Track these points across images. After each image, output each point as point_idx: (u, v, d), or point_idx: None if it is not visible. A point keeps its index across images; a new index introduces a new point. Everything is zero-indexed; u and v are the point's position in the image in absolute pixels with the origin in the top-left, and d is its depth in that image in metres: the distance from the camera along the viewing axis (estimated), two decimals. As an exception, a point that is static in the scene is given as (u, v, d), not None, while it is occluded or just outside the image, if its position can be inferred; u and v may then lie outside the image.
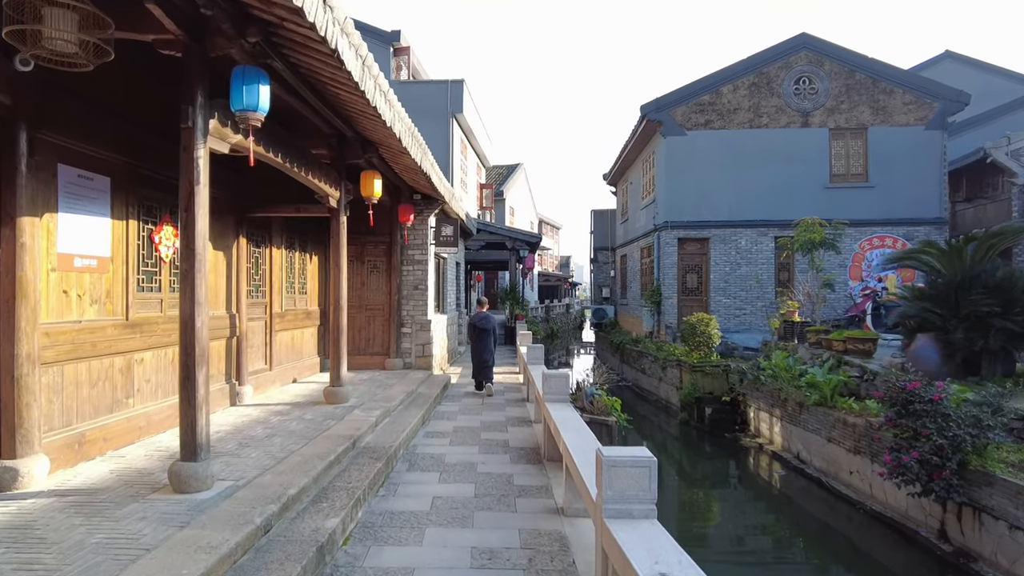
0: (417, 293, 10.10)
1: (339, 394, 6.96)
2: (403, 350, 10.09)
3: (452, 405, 8.32)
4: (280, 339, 8.31)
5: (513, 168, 36.64)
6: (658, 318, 16.27)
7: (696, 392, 11.70)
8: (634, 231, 19.73)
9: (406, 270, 10.14)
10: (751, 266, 15.73)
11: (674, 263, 15.87)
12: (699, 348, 12.03)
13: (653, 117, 15.95)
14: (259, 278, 7.78)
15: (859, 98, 15.49)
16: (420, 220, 10.12)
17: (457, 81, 19.09)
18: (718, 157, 15.78)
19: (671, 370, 13.15)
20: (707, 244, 15.94)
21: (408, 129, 6.49)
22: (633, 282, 19.88)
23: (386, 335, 10.12)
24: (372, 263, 10.25)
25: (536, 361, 8.49)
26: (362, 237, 10.21)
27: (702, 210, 15.80)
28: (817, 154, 15.58)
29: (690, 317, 12.29)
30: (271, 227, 8.04)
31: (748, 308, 15.69)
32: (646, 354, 15.09)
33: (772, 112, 15.77)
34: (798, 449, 9.16)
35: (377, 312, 10.20)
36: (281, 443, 5.19)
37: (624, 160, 19.96)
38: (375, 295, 10.23)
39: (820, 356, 10.62)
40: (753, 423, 10.88)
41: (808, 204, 15.44)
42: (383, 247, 10.21)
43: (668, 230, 15.84)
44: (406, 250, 10.14)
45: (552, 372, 5.56)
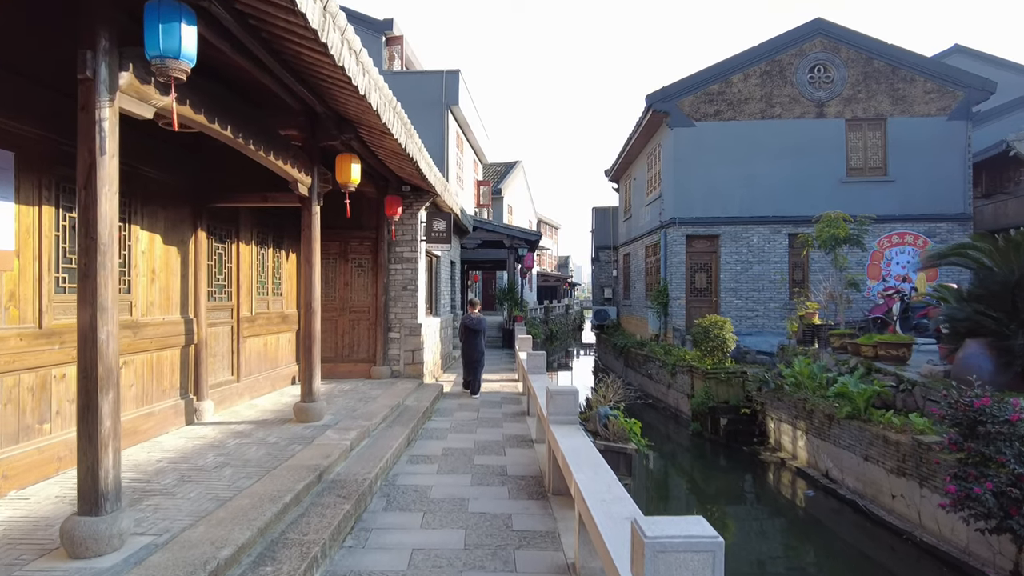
0: (406, 294, 9.20)
1: (311, 411, 6.05)
2: (390, 357, 9.18)
3: (443, 421, 7.41)
4: (250, 346, 7.40)
5: (511, 166, 35.77)
6: (665, 320, 15.38)
7: (710, 401, 10.81)
8: (638, 229, 18.86)
9: (394, 269, 9.24)
10: (764, 265, 14.85)
11: (682, 262, 14.99)
12: (712, 353, 11.15)
13: (659, 107, 15.07)
14: (224, 278, 6.87)
15: (877, 87, 14.63)
16: (409, 214, 9.22)
17: (452, 71, 18.20)
18: (728, 150, 14.90)
19: (681, 376, 12.27)
20: (717, 242, 15.07)
21: (388, 103, 5.59)
22: (637, 282, 18.99)
23: (372, 340, 9.21)
24: (356, 261, 9.34)
25: (537, 370, 7.59)
26: (345, 233, 9.31)
27: (711, 206, 14.93)
28: (833, 146, 14.72)
29: (703, 320, 11.41)
30: (238, 220, 7.13)
31: (760, 310, 14.82)
32: (653, 358, 14.20)
33: (785, 102, 14.90)
34: (827, 466, 8.27)
35: (362, 315, 9.29)
36: (231, 476, 4.28)
37: (627, 154, 19.08)
38: (360, 296, 9.32)
39: (846, 362, 9.74)
40: (773, 435, 9.99)
41: (824, 199, 14.58)
42: (368, 244, 9.31)
43: (675, 227, 14.96)
44: (394, 247, 9.24)
45: (558, 389, 4.67)
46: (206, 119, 4.03)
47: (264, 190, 6.39)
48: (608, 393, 6.15)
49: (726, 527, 7.99)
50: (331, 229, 9.20)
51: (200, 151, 6.17)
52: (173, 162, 5.82)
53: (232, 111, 4.51)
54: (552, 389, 4.70)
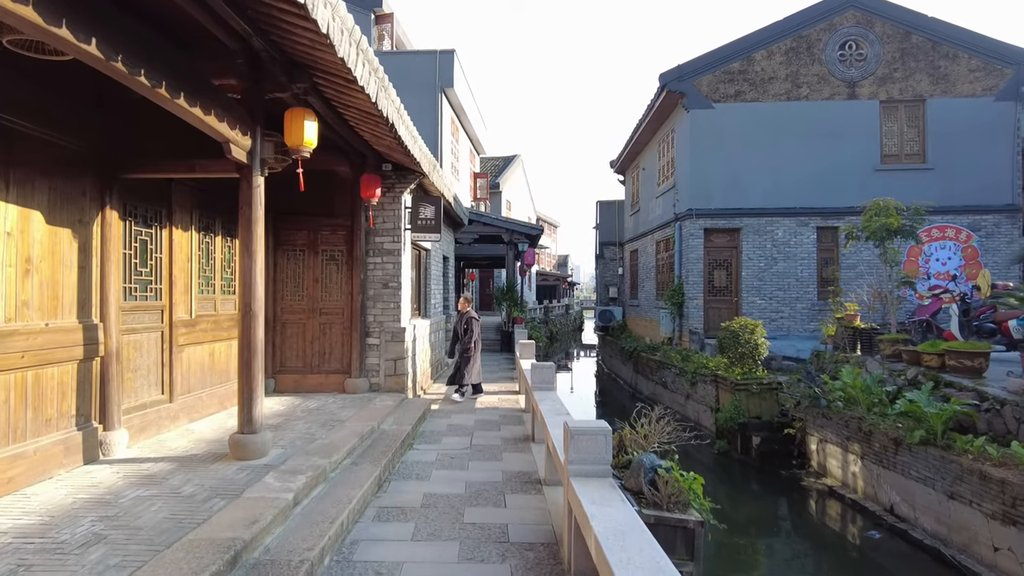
0: (387, 293, 7.76)
1: (250, 445, 4.62)
2: (368, 367, 7.75)
3: (428, 450, 5.97)
4: (189, 357, 5.96)
5: (510, 160, 34.35)
6: (680, 322, 13.97)
7: (740, 416, 9.40)
8: (647, 223, 17.44)
9: (372, 263, 7.80)
10: (790, 262, 13.45)
11: (699, 257, 13.57)
12: (742, 361, 9.74)
13: (674, 88, 13.65)
14: (150, 271, 5.43)
15: (916, 64, 13.24)
16: (391, 198, 7.78)
17: (447, 51, 16.77)
18: (750, 134, 13.50)
19: (704, 387, 10.85)
20: (738, 236, 13.66)
21: (354, 43, 4.17)
22: (646, 280, 17.58)
23: (346, 348, 7.77)
24: (328, 253, 7.90)
25: (545, 386, 6.16)
26: (315, 220, 7.87)
27: (732, 196, 13.52)
28: (866, 131, 13.33)
29: (731, 323, 10.00)
30: (170, 199, 5.69)
31: (786, 311, 13.42)
32: (668, 365, 12.79)
33: (813, 82, 13.50)
34: (891, 500, 6.87)
35: (334, 318, 7.85)
36: (93, 568, 2.84)
37: (636, 142, 17.66)
38: (332, 295, 7.88)
39: (902, 373, 8.34)
40: (816, 458, 8.59)
41: (855, 189, 13.23)
42: (343, 233, 7.87)
43: (692, 219, 13.54)
44: (372, 237, 7.80)
45: (582, 427, 3.25)
46: (72, 35, 2.61)
47: (193, 156, 4.94)
48: (652, 431, 4.69)
49: (756, 562, 6.63)
50: (297, 215, 7.79)
51: (106, 106, 4.74)
52: (68, 119, 4.38)
53: (145, 48, 3.10)
54: (574, 427, 3.28)
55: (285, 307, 7.86)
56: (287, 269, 7.88)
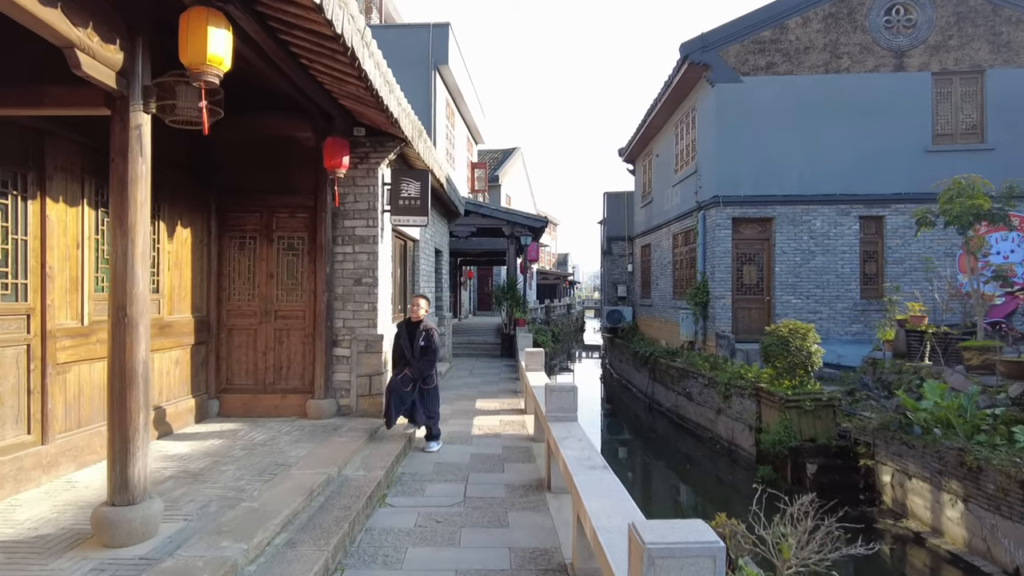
0: (360, 291, 6.13)
1: (123, 526, 2.99)
2: (336, 385, 6.12)
3: (405, 508, 4.33)
4: (79, 379, 4.33)
5: (509, 152, 32.75)
6: (703, 324, 12.37)
7: (790, 439, 7.79)
8: (662, 214, 15.83)
9: (341, 253, 6.17)
10: (829, 256, 11.86)
11: (727, 251, 11.96)
12: (792, 372, 8.12)
13: (697, 59, 12.04)
14: (3, 259, 3.80)
15: (973, 31, 11.65)
16: (365, 171, 6.15)
17: (441, 24, 15.15)
18: (784, 111, 11.91)
19: (741, 401, 9.25)
20: (770, 226, 12.06)
21: None
22: (661, 277, 15.97)
23: (308, 361, 6.15)
24: (286, 241, 6.27)
25: (563, 414, 4.55)
26: (269, 199, 6.24)
27: (763, 182, 11.92)
28: (915, 106, 11.74)
29: (778, 326, 8.38)
30: (41, 157, 4.05)
31: (825, 311, 11.82)
32: (694, 373, 11.18)
33: (855, 52, 11.90)
34: (1018, 560, 5.27)
35: (293, 322, 6.22)
36: None
37: (649, 126, 16.05)
38: (291, 295, 6.25)
39: (1001, 389, 6.75)
40: (891, 493, 6.99)
41: (903, 173, 11.69)
42: (303, 215, 6.24)
43: (719, 208, 11.93)
44: (341, 220, 6.17)
45: (675, 545, 1.65)
46: None
47: (39, 81, 3.30)
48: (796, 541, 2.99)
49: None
50: (247, 194, 6.17)
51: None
52: None
53: None
54: (657, 545, 1.66)
55: (232, 309, 6.23)
56: (234, 261, 6.25)
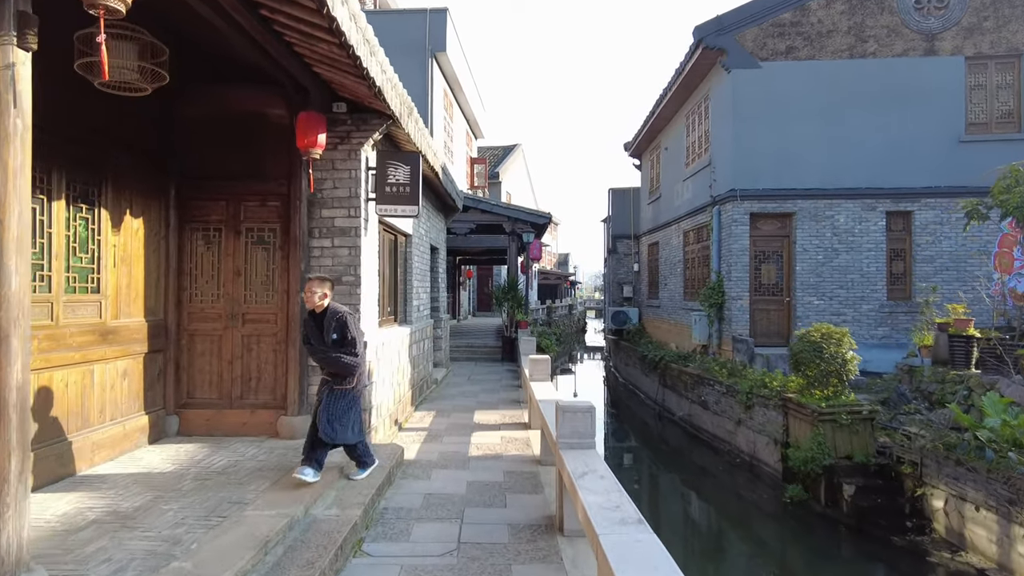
0: (340, 291, 5.32)
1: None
2: (311, 398, 5.30)
3: (384, 561, 3.51)
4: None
5: (510, 149, 31.94)
6: (718, 326, 11.57)
7: (825, 456, 6.98)
8: (671, 211, 15.03)
9: (319, 247, 5.36)
10: (853, 253, 11.05)
11: (744, 248, 11.15)
12: (825, 381, 7.32)
13: (712, 43, 11.24)
14: None
15: (1011, 11, 10.84)
16: (346, 153, 5.35)
17: (438, 10, 14.35)
18: (805, 99, 11.11)
19: (765, 412, 8.44)
20: (790, 222, 11.25)
21: None
22: (670, 277, 15.16)
23: (280, 371, 5.35)
24: (256, 234, 5.47)
25: (579, 440, 3.75)
26: (236, 185, 5.44)
27: (783, 174, 11.12)
28: (947, 93, 10.93)
29: (809, 331, 7.58)
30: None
31: (849, 313, 11.02)
32: (709, 381, 10.37)
33: (882, 35, 11.10)
34: (1112, 611, 4.46)
35: (264, 327, 5.42)
36: None
37: (657, 118, 15.24)
38: (261, 295, 5.45)
39: (1069, 403, 5.95)
40: (945, 522, 6.17)
41: (934, 165, 10.91)
42: (275, 204, 5.44)
43: (736, 202, 11.12)
44: (319, 209, 5.36)
45: None
46: None
47: None
48: None
49: None
50: (210, 180, 5.37)
51: None
52: None
53: None
54: None
55: (194, 312, 5.42)
56: (196, 256, 5.44)
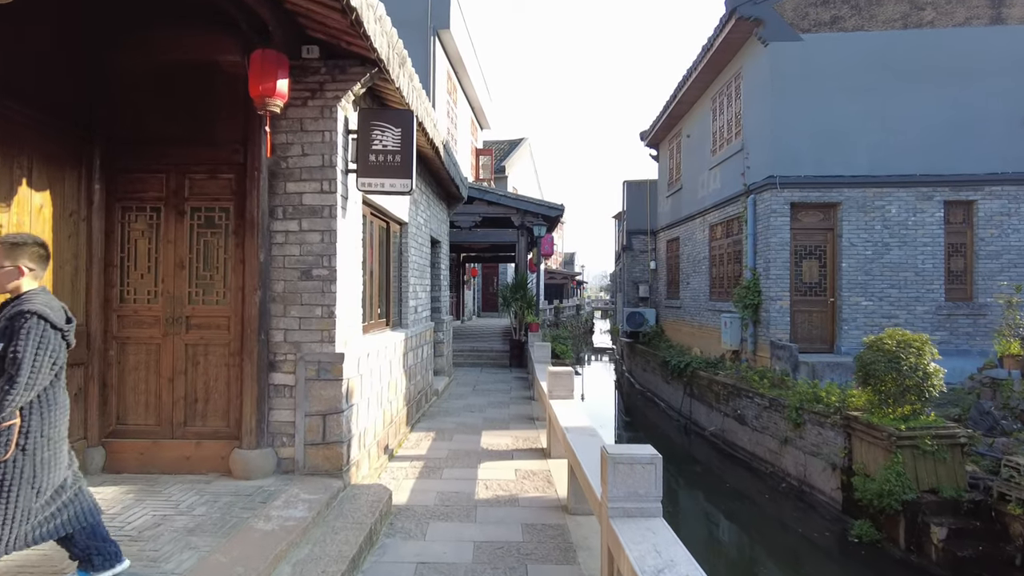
0: (310, 288, 4.13)
1: None
2: (275, 428, 4.12)
3: None
4: None
5: (516, 143, 30.77)
6: (753, 330, 10.33)
7: (905, 490, 5.76)
8: (695, 202, 13.79)
9: (283, 232, 4.16)
10: (907, 248, 9.81)
11: (784, 242, 9.93)
12: (901, 399, 6.09)
13: (747, 13, 10.01)
14: None
15: (1089, -26, 9.59)
16: (318, 110, 4.16)
17: (441, -17, 13.14)
18: (852, 75, 9.87)
19: (820, 431, 7.22)
20: (835, 213, 10.02)
21: None
22: (693, 275, 13.93)
23: (234, 391, 4.17)
24: (202, 214, 4.28)
25: (637, 507, 2.58)
26: (179, 153, 4.26)
27: (827, 160, 9.89)
28: (1017, 67, 9.67)
29: (882, 338, 6.34)
30: None
31: (902, 316, 9.77)
32: (747, 391, 9.15)
33: (941, 2, 9.85)
34: None
35: (214, 334, 4.23)
36: None
37: (679, 102, 14.01)
38: (210, 293, 4.27)
39: None
40: (1071, 577, 4.95)
41: (999, 148, 9.68)
42: (227, 177, 4.25)
43: (774, 190, 9.90)
44: (282, 182, 4.17)
45: None
46: None
47: None
48: None
49: None
50: (147, 145, 4.21)
51: None
52: None
53: None
54: None
55: (126, 315, 4.25)
56: (128, 244, 4.27)
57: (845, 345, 9.79)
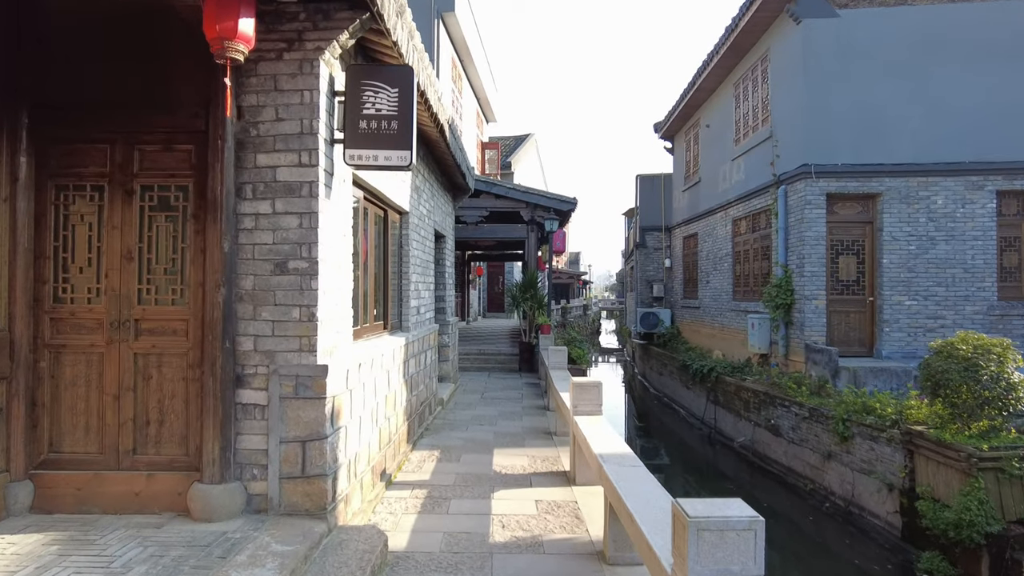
0: (285, 285, 3.34)
1: None
2: (243, 457, 3.33)
3: None
4: None
5: (522, 139, 29.96)
6: (785, 332, 9.50)
7: (989, 521, 4.94)
8: (716, 196, 12.96)
9: (252, 215, 3.38)
10: (955, 243, 8.97)
11: (820, 237, 9.10)
12: (978, 413, 5.27)
13: (779, -14, 9.20)
14: None
15: None
16: (295, 64, 3.36)
17: (445, -38, 12.36)
18: (895, 53, 9.04)
19: (873, 447, 6.39)
20: (874, 205, 9.20)
21: None
22: (714, 273, 13.10)
23: (192, 411, 3.38)
24: (155, 194, 3.49)
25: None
26: (126, 119, 3.46)
27: (866, 146, 9.06)
28: (1074, 45, 8.83)
29: (952, 342, 5.53)
30: None
31: (949, 316, 8.93)
32: (782, 400, 8.33)
33: (991, -27, 9.02)
34: None
35: (169, 341, 3.45)
36: None
37: (698, 90, 13.18)
38: (164, 289, 3.48)
39: None
40: None
41: (1056, 133, 8.78)
42: (185, 148, 3.46)
43: (809, 180, 9.07)
44: (251, 153, 3.38)
45: None
46: None
47: None
48: None
49: None
50: (87, 110, 3.41)
51: None
52: None
53: None
54: None
55: (60, 318, 3.47)
56: (64, 231, 3.49)
57: (886, 348, 8.96)
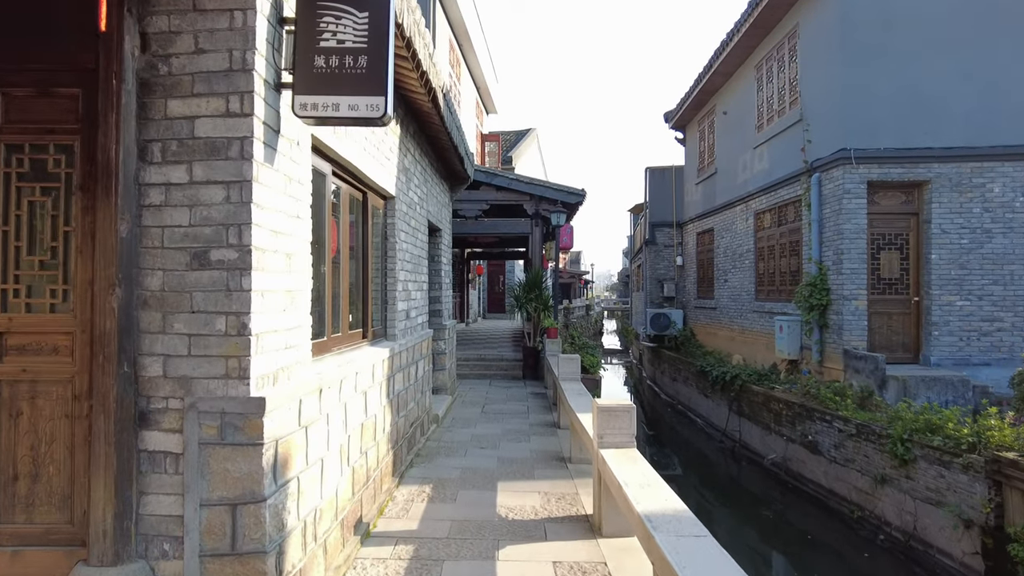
0: (206, 283, 2.38)
1: None
2: (149, 526, 2.37)
3: None
4: None
5: (523, 134, 29.03)
6: (819, 335, 8.54)
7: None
8: (735, 188, 11.99)
9: (161, 185, 2.42)
10: (1014, 235, 8.02)
11: (860, 230, 8.14)
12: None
13: (812, -49, 8.24)
14: None
15: None
16: (225, -23, 2.39)
17: (442, -64, 11.39)
18: (944, 23, 8.09)
19: (942, 473, 5.42)
20: (921, 194, 8.24)
21: None
22: (733, 271, 12.13)
23: (80, 460, 2.42)
24: (26, 158, 2.53)
25: None
26: (-17, 49, 2.49)
27: (911, 129, 8.11)
28: None
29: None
30: None
31: (1007, 319, 7.98)
32: (820, 413, 7.36)
33: (1052, -66, 8.05)
34: None
35: (45, 364, 2.48)
36: None
37: (715, 73, 12.20)
38: (38, 290, 2.52)
39: None
40: None
41: (1125, 113, 7.82)
42: (70, 91, 2.50)
43: (848, 166, 8.11)
44: (161, 100, 2.42)
45: None
46: None
47: None
48: None
49: None
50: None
51: None
52: None
53: None
54: None
55: (-94, 329, 2.50)
56: (-93, 210, 2.52)
57: (935, 354, 8.01)
